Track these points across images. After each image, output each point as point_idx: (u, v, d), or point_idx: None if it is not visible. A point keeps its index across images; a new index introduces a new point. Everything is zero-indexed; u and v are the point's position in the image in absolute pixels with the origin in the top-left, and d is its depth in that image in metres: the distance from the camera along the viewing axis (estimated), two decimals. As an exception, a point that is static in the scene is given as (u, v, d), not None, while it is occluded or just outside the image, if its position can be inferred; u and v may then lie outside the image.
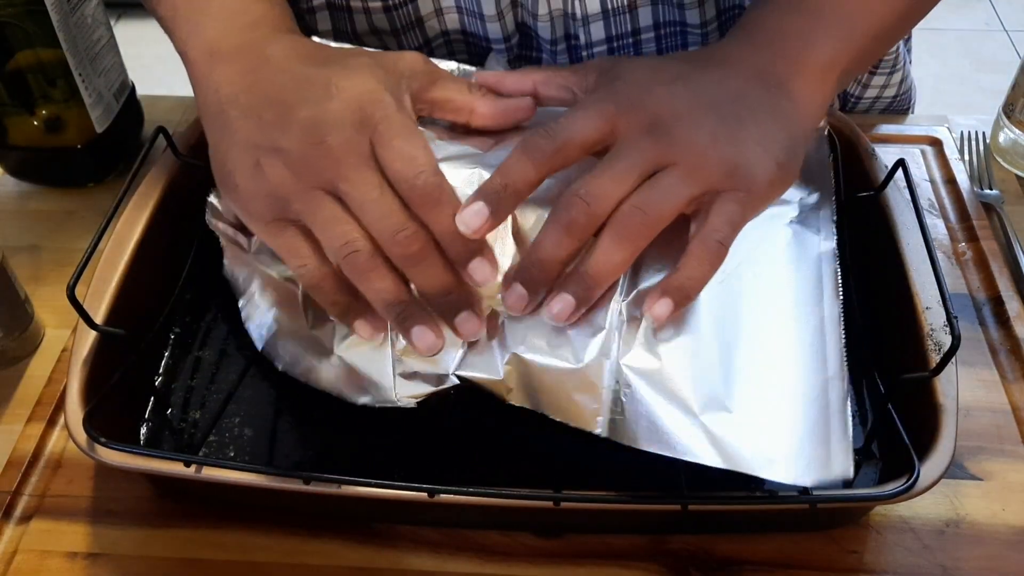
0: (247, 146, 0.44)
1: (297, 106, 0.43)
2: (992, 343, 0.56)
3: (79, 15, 0.62)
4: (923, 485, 0.42)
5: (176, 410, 0.52)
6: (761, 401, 0.42)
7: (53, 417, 0.53)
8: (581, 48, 0.63)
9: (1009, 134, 0.68)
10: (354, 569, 0.47)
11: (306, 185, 0.42)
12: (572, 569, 0.46)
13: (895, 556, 0.47)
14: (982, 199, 0.65)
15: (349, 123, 0.43)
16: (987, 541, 0.47)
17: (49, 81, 0.63)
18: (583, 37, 0.62)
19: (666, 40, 0.63)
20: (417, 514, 0.48)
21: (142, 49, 2.19)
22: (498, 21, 0.61)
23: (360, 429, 0.48)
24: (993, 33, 2.17)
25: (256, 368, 0.53)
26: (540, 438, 0.46)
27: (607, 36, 0.62)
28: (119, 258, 0.51)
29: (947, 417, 0.44)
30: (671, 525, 0.48)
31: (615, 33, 0.62)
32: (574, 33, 0.62)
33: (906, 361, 0.48)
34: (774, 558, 0.47)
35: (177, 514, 0.49)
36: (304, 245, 0.43)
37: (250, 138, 0.44)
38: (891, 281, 0.51)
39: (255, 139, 0.44)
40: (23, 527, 0.49)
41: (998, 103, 0.70)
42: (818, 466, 0.41)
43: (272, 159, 0.43)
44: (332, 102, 0.43)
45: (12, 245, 0.63)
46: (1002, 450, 0.51)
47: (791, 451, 0.41)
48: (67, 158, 0.67)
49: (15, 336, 0.56)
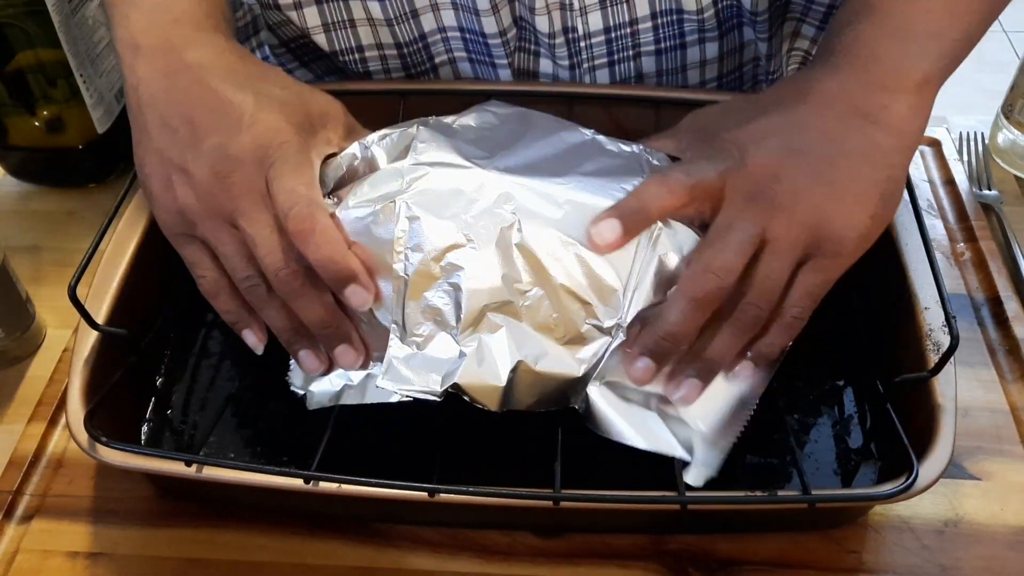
0: (161, 159, 0.47)
1: (209, 132, 0.46)
2: (991, 343, 0.57)
3: (80, 16, 0.62)
4: (922, 485, 0.42)
5: (177, 410, 0.52)
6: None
7: (54, 417, 0.53)
8: (579, 39, 0.63)
9: (1008, 135, 0.69)
10: (354, 569, 0.47)
11: (210, 214, 0.46)
12: (572, 569, 0.47)
13: (894, 556, 0.47)
14: (981, 200, 0.65)
15: (251, 161, 0.46)
16: (986, 541, 0.48)
17: (50, 81, 0.63)
18: (581, 28, 0.62)
19: (664, 29, 0.64)
20: (417, 514, 0.48)
21: (142, 49, 2.19)
22: (493, 15, 0.61)
23: (360, 429, 0.48)
24: (992, 34, 2.17)
25: (256, 368, 0.53)
26: (540, 438, 0.46)
27: (605, 27, 0.63)
28: (120, 258, 0.51)
29: (946, 417, 0.44)
30: (671, 525, 0.48)
31: (613, 23, 0.63)
32: (572, 25, 0.62)
33: (905, 361, 0.48)
34: (773, 558, 0.47)
35: (178, 514, 0.49)
36: (205, 259, 0.47)
37: (164, 151, 0.47)
38: (890, 281, 0.52)
39: (168, 153, 0.47)
40: (24, 527, 0.49)
41: (997, 104, 0.70)
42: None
43: (181, 179, 0.46)
44: (241, 136, 0.46)
45: (13, 245, 0.63)
46: (1001, 450, 0.51)
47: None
48: (68, 158, 0.67)
49: (16, 336, 0.56)
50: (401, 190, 0.46)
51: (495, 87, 0.61)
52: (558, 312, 0.44)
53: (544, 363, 0.44)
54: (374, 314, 0.46)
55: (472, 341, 0.44)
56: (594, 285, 0.44)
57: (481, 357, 0.44)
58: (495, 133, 0.52)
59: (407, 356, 0.44)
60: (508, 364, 0.43)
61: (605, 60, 0.65)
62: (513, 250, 0.44)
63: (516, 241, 0.44)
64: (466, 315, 0.44)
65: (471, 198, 0.46)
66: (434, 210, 0.45)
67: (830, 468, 0.49)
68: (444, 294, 0.44)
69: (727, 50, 0.66)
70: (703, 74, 0.68)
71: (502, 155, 0.48)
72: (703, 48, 0.65)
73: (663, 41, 0.65)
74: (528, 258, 0.44)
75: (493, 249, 0.45)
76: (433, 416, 0.47)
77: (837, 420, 0.51)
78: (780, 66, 0.70)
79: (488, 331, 0.44)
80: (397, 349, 0.45)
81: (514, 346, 0.44)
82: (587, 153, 0.50)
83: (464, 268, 0.44)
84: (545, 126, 0.52)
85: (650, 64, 0.66)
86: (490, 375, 0.43)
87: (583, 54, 0.64)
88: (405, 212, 0.45)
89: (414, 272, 0.44)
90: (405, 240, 0.45)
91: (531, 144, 0.50)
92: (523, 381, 0.44)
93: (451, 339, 0.44)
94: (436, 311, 0.44)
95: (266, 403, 0.52)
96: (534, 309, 0.44)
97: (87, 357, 0.47)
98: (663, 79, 0.67)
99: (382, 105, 0.63)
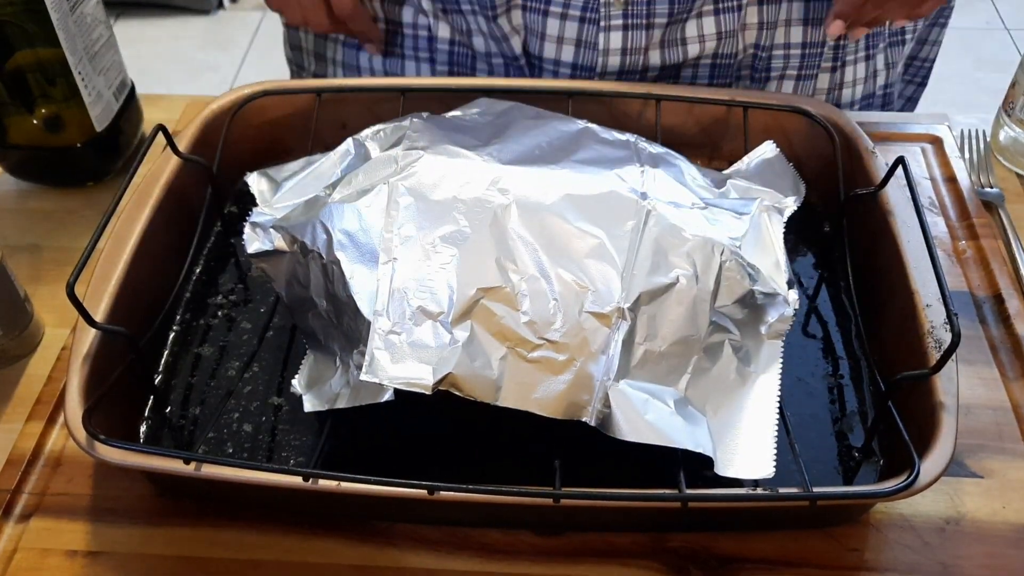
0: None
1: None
2: (992, 341, 0.56)
3: (79, 14, 0.62)
4: (923, 483, 0.42)
5: (175, 408, 0.52)
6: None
7: (53, 415, 0.53)
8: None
9: (1009, 132, 0.68)
10: (354, 567, 0.47)
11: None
12: (572, 567, 0.46)
13: (896, 554, 0.47)
14: (983, 197, 0.65)
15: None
16: (988, 539, 0.47)
17: (49, 80, 0.63)
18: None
19: None
20: (417, 512, 0.48)
21: (141, 48, 2.20)
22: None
23: (360, 427, 0.48)
24: (994, 32, 2.17)
25: (255, 366, 0.53)
26: (540, 438, 0.46)
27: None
28: (119, 256, 0.51)
29: (947, 415, 0.44)
30: (671, 523, 0.48)
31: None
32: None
33: (906, 359, 0.48)
34: (774, 556, 0.47)
35: (177, 512, 0.49)
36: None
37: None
38: (891, 278, 0.51)
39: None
40: (23, 525, 0.49)
41: (999, 101, 0.70)
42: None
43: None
44: None
45: (12, 244, 0.63)
46: (1002, 448, 0.51)
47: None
48: (67, 157, 0.67)
49: (15, 335, 0.56)
50: (394, 174, 0.46)
51: (494, 84, 0.61)
52: (555, 299, 0.43)
53: (538, 353, 0.43)
54: (359, 308, 0.44)
55: (464, 329, 0.43)
56: (590, 268, 0.44)
57: (473, 347, 0.42)
58: (489, 124, 0.52)
59: (393, 347, 0.43)
60: (501, 355, 0.42)
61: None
62: (507, 235, 0.44)
63: (510, 226, 0.44)
64: (458, 300, 0.43)
65: (464, 182, 0.45)
66: (427, 194, 0.45)
67: (831, 466, 0.48)
68: (436, 279, 0.44)
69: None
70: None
71: (496, 143, 0.48)
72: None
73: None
74: (523, 243, 0.44)
75: (487, 234, 0.44)
76: (433, 415, 0.47)
77: (838, 418, 0.51)
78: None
79: (481, 319, 0.43)
80: (380, 340, 0.43)
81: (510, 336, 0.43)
82: (581, 141, 0.50)
83: (457, 252, 0.44)
84: (538, 116, 0.52)
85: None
86: (483, 367, 0.42)
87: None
88: (397, 195, 0.45)
89: (406, 255, 0.44)
90: (397, 223, 0.44)
91: (525, 133, 0.50)
92: (518, 376, 0.43)
93: (442, 328, 0.43)
94: (426, 297, 0.43)
95: (265, 401, 0.52)
96: (529, 295, 0.43)
97: (85, 355, 0.47)
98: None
99: (382, 103, 0.63)
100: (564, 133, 0.51)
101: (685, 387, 0.45)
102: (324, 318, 0.47)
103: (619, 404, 0.43)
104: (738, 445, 0.44)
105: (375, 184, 0.46)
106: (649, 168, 0.49)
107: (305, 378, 0.48)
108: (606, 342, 0.43)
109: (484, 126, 0.51)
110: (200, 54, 2.18)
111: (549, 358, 0.43)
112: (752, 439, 0.44)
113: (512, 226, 0.44)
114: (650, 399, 0.44)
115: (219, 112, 0.61)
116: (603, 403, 0.43)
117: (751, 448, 0.44)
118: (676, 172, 0.51)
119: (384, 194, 0.45)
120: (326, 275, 0.46)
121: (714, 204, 0.49)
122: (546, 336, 0.43)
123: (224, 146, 0.59)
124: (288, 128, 0.64)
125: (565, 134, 0.50)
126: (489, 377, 0.42)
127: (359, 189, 0.47)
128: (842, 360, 0.53)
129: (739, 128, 0.62)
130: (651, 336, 0.44)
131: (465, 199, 0.45)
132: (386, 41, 0.74)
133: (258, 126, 0.64)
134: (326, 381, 0.47)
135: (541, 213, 0.44)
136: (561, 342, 0.43)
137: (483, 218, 0.44)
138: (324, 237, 0.46)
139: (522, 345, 0.43)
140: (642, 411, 0.43)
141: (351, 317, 0.45)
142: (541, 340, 0.43)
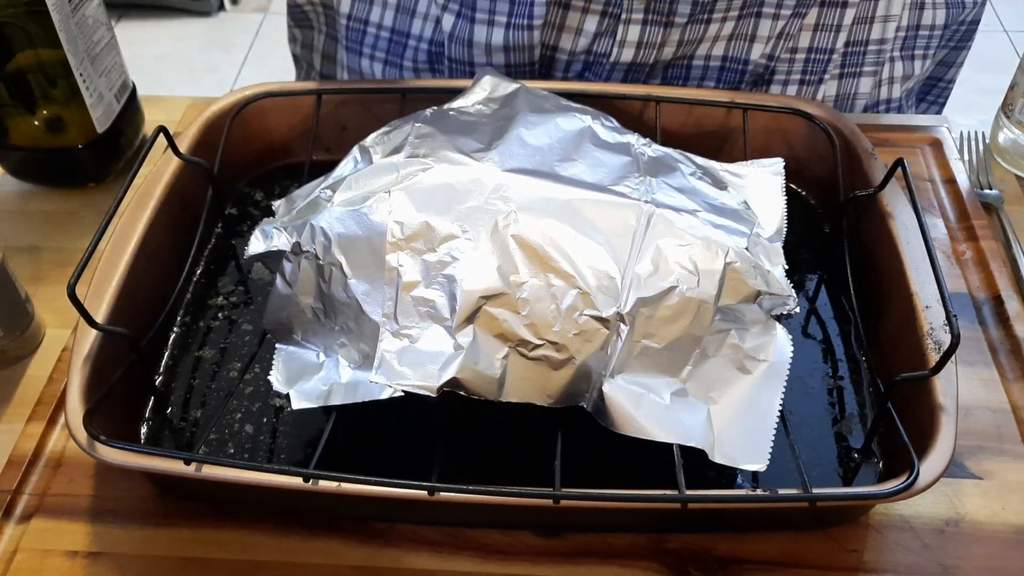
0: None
1: None
2: (992, 342, 0.56)
3: (80, 15, 0.62)
4: (923, 484, 0.42)
5: (176, 409, 0.52)
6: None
7: (53, 416, 0.53)
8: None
9: (1008, 134, 0.68)
10: (354, 568, 0.47)
11: None
12: (572, 568, 0.47)
13: (895, 555, 0.47)
14: (982, 199, 0.65)
15: None
16: (987, 540, 0.48)
17: (50, 81, 0.63)
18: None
19: None
20: (417, 513, 0.48)
21: (143, 49, 2.20)
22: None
23: (361, 428, 0.48)
24: (992, 33, 2.17)
25: (256, 367, 0.53)
26: (540, 438, 0.46)
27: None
28: (120, 257, 0.51)
29: (947, 416, 0.44)
30: (671, 524, 0.48)
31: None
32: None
33: (906, 360, 0.48)
34: (774, 557, 0.47)
35: (177, 513, 0.49)
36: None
37: None
38: (891, 280, 0.51)
39: None
40: (24, 526, 0.49)
41: (998, 103, 0.70)
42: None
43: None
44: None
45: (12, 245, 0.63)
46: (1002, 449, 0.51)
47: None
48: (68, 158, 0.67)
49: (15, 336, 0.56)
50: (396, 182, 0.46)
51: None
52: (555, 303, 0.44)
53: (538, 352, 0.43)
54: (363, 309, 0.45)
55: (467, 334, 0.43)
56: (591, 274, 0.44)
57: (476, 350, 0.43)
58: (492, 118, 0.52)
59: (400, 350, 0.44)
60: (503, 354, 0.43)
61: None
62: (509, 241, 0.44)
63: (512, 233, 0.44)
64: (461, 307, 0.43)
65: (466, 191, 0.46)
66: (428, 202, 0.45)
67: (831, 467, 0.49)
68: (438, 286, 0.44)
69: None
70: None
71: (497, 146, 0.48)
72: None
73: None
74: (524, 249, 0.44)
75: (488, 241, 0.44)
76: (433, 414, 0.47)
77: (838, 419, 0.51)
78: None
79: (484, 324, 0.44)
80: (389, 343, 0.44)
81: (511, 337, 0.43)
82: (582, 144, 0.50)
83: (459, 259, 0.44)
84: (541, 110, 0.52)
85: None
86: (486, 367, 0.43)
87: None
88: (398, 202, 0.45)
89: (409, 261, 0.44)
90: (399, 229, 0.44)
91: (527, 134, 0.50)
92: (520, 373, 0.43)
93: (445, 332, 0.44)
94: (430, 303, 0.44)
95: (266, 402, 0.52)
96: (531, 301, 0.44)
97: (86, 356, 0.47)
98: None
99: (382, 104, 0.63)
100: (567, 133, 0.51)
101: (686, 377, 0.45)
102: (307, 316, 0.48)
103: (613, 398, 0.44)
104: (735, 433, 0.44)
105: (376, 191, 0.47)
106: (650, 171, 0.50)
107: (283, 375, 0.48)
108: (606, 342, 0.44)
109: (487, 122, 0.51)
110: (201, 56, 2.18)
111: (549, 356, 0.43)
112: (750, 429, 0.44)
113: (513, 233, 0.44)
114: (645, 394, 0.44)
115: (220, 113, 0.61)
116: (599, 396, 0.44)
117: (748, 437, 0.44)
118: (677, 175, 0.51)
119: (386, 201, 0.45)
120: (321, 275, 0.46)
121: (716, 206, 0.50)
122: (546, 337, 0.43)
123: (225, 147, 0.59)
124: (289, 129, 0.65)
125: (567, 134, 0.51)
126: (492, 376, 0.43)
127: (360, 194, 0.47)
128: (841, 362, 0.54)
129: (739, 130, 0.62)
130: (651, 336, 0.44)
131: (467, 207, 0.45)
132: (389, 51, 0.74)
133: (259, 127, 0.64)
134: (309, 377, 0.47)
135: (542, 220, 0.45)
136: (561, 342, 0.43)
137: (485, 226, 0.44)
138: (322, 239, 0.46)
139: (523, 345, 0.43)
140: (635, 406, 0.44)
141: (351, 317, 0.46)
142: (541, 340, 0.43)
